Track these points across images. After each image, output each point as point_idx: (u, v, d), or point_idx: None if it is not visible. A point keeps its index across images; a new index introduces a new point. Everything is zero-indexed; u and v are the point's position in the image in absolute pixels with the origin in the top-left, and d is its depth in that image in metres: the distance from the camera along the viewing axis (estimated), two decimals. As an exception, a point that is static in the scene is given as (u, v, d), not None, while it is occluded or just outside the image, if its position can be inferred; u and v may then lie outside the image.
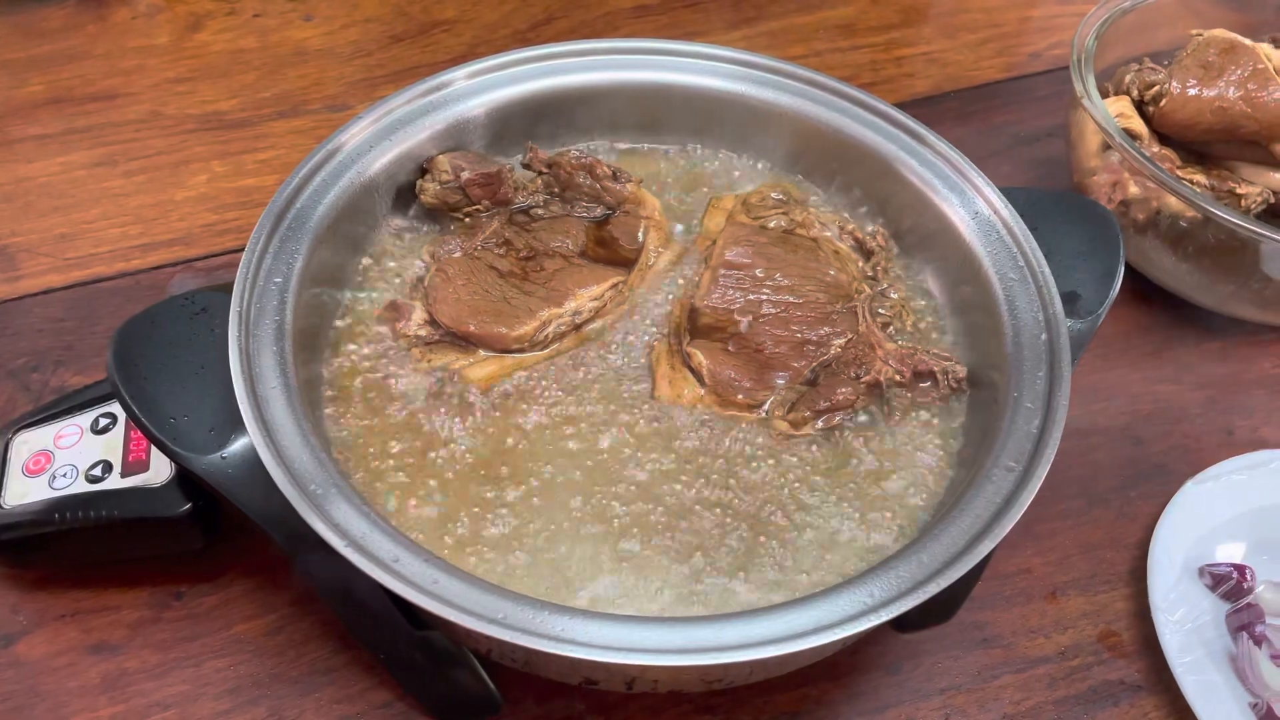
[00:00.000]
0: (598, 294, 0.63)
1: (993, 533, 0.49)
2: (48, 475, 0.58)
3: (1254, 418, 0.74)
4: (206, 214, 0.82)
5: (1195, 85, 0.76)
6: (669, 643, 0.45)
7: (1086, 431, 0.72)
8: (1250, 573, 0.63)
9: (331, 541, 0.46)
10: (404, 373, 0.59)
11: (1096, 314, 0.59)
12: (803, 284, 0.62)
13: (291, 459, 0.49)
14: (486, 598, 0.45)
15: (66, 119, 0.87)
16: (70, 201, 0.82)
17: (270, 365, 0.52)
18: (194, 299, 0.55)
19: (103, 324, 0.74)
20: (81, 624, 0.60)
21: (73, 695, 0.58)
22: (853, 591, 0.47)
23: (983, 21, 1.03)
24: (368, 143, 0.63)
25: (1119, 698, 0.60)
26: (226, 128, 0.88)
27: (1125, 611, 0.64)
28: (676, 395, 0.59)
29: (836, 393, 0.58)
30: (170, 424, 0.51)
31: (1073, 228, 0.63)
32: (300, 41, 0.96)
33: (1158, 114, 0.77)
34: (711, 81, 0.69)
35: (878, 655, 0.61)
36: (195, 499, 0.57)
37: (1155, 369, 0.77)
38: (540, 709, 0.58)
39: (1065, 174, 0.84)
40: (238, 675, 0.59)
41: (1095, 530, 0.67)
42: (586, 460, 0.56)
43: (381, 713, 0.58)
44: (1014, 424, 0.54)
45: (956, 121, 0.93)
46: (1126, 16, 0.82)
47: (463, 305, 0.60)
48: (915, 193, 0.65)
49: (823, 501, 0.56)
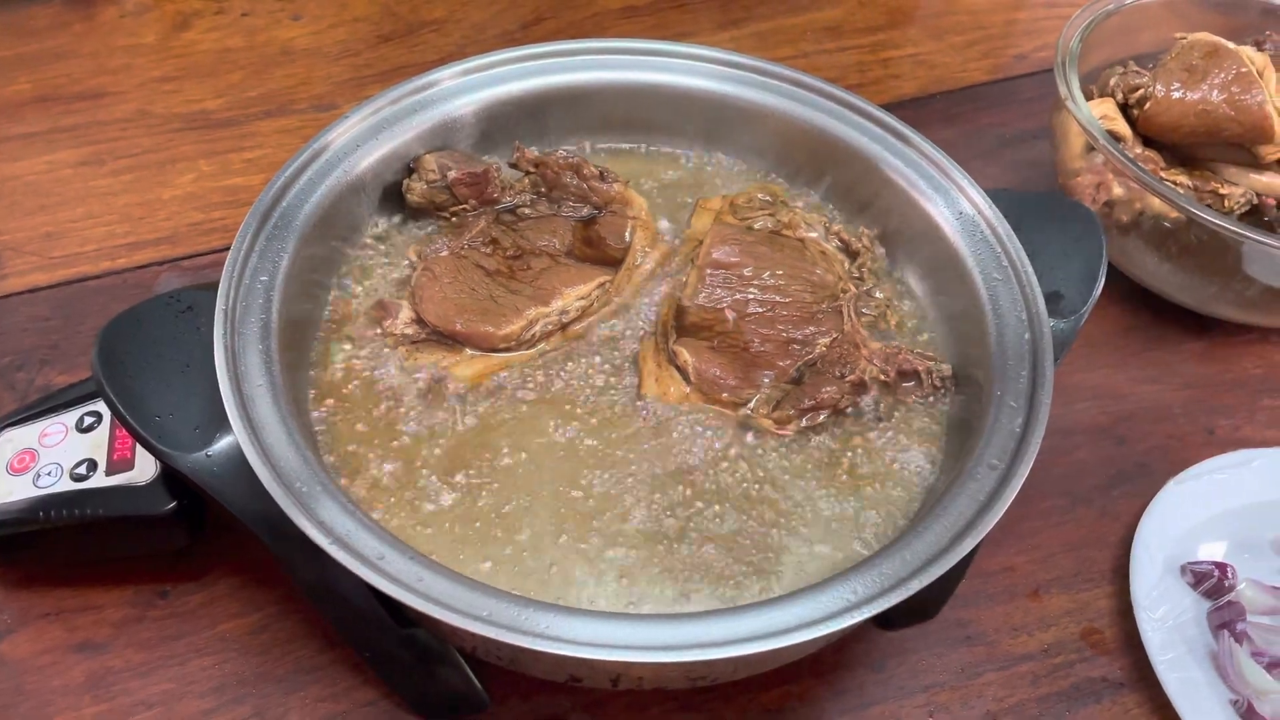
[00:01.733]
0: (584, 293, 0.63)
1: (975, 530, 0.49)
2: (32, 474, 0.58)
3: (1235, 417, 0.75)
4: (193, 213, 0.82)
5: (1179, 88, 0.76)
6: (653, 639, 0.45)
7: (1069, 431, 0.72)
8: (1231, 571, 0.63)
9: (317, 539, 0.46)
10: (391, 371, 0.59)
11: (1079, 313, 0.59)
12: (789, 283, 0.63)
13: (277, 457, 0.49)
14: (472, 595, 0.46)
15: (53, 117, 0.87)
16: (56, 200, 0.81)
17: (256, 363, 0.52)
18: (179, 297, 0.55)
19: (88, 323, 0.74)
20: (66, 623, 0.60)
21: (57, 694, 0.57)
22: (836, 588, 0.47)
23: (969, 24, 1.04)
24: (354, 141, 0.63)
25: (1101, 695, 0.61)
26: (213, 127, 0.88)
27: (1108, 609, 0.64)
28: (663, 393, 0.59)
29: (821, 391, 0.59)
30: (155, 422, 0.51)
31: (1056, 228, 0.63)
32: (288, 41, 0.96)
33: (1142, 117, 0.78)
34: (699, 82, 0.69)
35: (862, 652, 0.61)
36: (180, 497, 0.57)
37: (1138, 369, 0.77)
38: (526, 706, 0.58)
39: (1050, 176, 0.84)
40: (223, 674, 0.58)
41: (1078, 529, 0.68)
42: (573, 458, 0.56)
43: (367, 711, 0.58)
44: (997, 422, 0.54)
45: (943, 123, 0.93)
46: (1111, 19, 0.82)
47: (449, 304, 0.61)
48: (900, 193, 0.65)
49: (805, 499, 0.56)
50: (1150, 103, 0.77)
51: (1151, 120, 0.77)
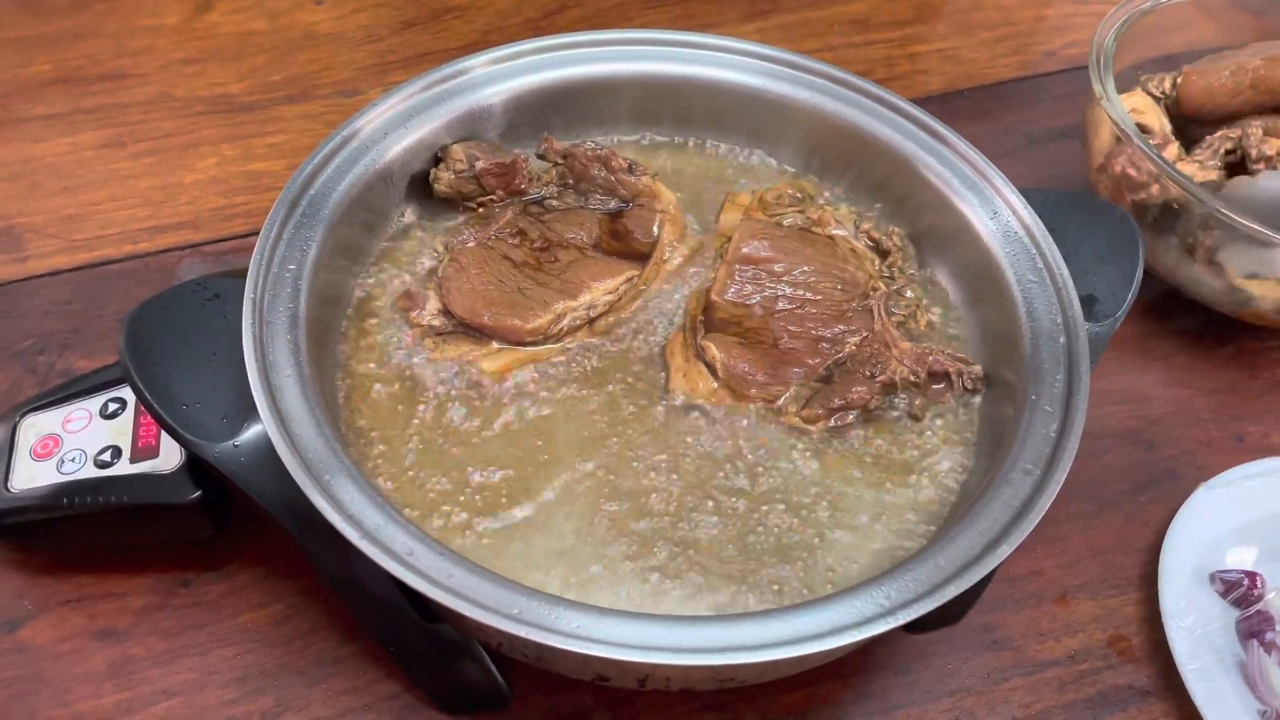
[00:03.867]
0: (612, 287, 0.62)
1: (1010, 537, 0.48)
2: (56, 459, 0.58)
3: (1264, 424, 0.74)
4: (215, 198, 0.81)
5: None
6: (685, 641, 0.44)
7: (1098, 435, 0.72)
8: (1261, 580, 0.63)
9: (345, 532, 0.46)
10: (417, 363, 0.58)
11: (1115, 317, 0.59)
12: (819, 280, 0.62)
13: (305, 448, 0.48)
14: (501, 592, 0.45)
15: (74, 99, 0.86)
16: (77, 182, 0.81)
17: (284, 353, 0.52)
18: (207, 285, 0.55)
19: (110, 307, 0.73)
20: (87, 610, 0.59)
21: (77, 681, 0.57)
22: (869, 593, 0.47)
23: (998, 19, 1.03)
24: (383, 129, 0.62)
25: (1128, 703, 0.60)
26: (236, 111, 0.87)
27: (1135, 616, 0.64)
28: (691, 388, 0.59)
29: (851, 391, 0.58)
30: (183, 411, 0.50)
31: (1091, 230, 0.62)
32: (310, 25, 0.95)
33: (1181, 88, 0.78)
34: (730, 75, 0.68)
35: (887, 656, 0.61)
36: (204, 486, 0.56)
37: (1166, 373, 0.76)
38: (549, 703, 0.58)
39: (1079, 175, 0.83)
40: (244, 664, 0.58)
41: (1106, 534, 0.67)
42: (600, 453, 0.56)
43: (389, 704, 0.57)
44: (1032, 427, 0.53)
45: (970, 120, 0.92)
46: (1146, 18, 0.81)
47: (476, 296, 0.60)
48: (934, 192, 0.64)
49: (835, 499, 0.55)
50: (1183, 76, 0.78)
51: (1190, 87, 0.78)
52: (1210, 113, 0.79)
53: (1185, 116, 0.80)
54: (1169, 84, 0.80)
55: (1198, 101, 0.79)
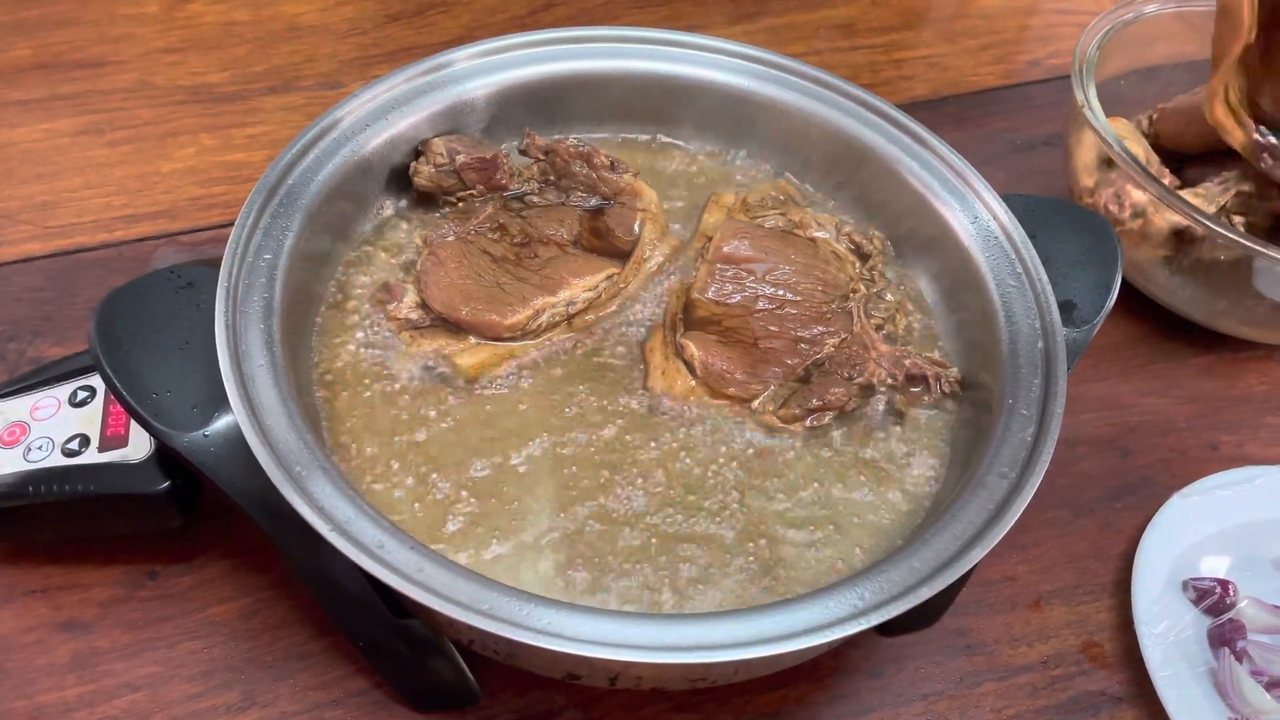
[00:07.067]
0: (592, 284, 0.62)
1: (985, 540, 0.48)
2: (22, 447, 0.57)
3: (1239, 433, 0.74)
4: (193, 187, 0.80)
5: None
6: (657, 639, 0.44)
7: (1074, 441, 0.72)
8: (1233, 588, 0.63)
9: (315, 525, 0.45)
10: (393, 356, 0.58)
11: (1092, 324, 0.59)
12: (800, 281, 0.62)
13: (276, 439, 0.48)
14: (472, 588, 0.45)
15: (52, 85, 0.85)
16: (53, 169, 0.80)
17: (257, 343, 0.51)
18: (180, 273, 0.54)
19: (83, 295, 0.72)
20: (52, 600, 0.59)
21: (40, 673, 0.56)
22: (843, 593, 0.46)
23: (983, 28, 1.03)
24: (363, 120, 0.62)
25: (1100, 709, 0.60)
26: (216, 101, 0.86)
27: (1108, 623, 0.64)
28: (669, 386, 0.58)
29: (829, 392, 0.58)
30: (152, 399, 0.49)
31: (1071, 237, 0.63)
32: (294, 16, 0.94)
33: (1157, 121, 0.79)
34: (716, 75, 0.68)
35: (860, 658, 0.61)
36: (174, 477, 0.55)
37: (1143, 381, 0.77)
38: (519, 701, 0.57)
39: (1060, 182, 0.84)
40: (211, 658, 0.57)
41: (1080, 540, 0.67)
42: (576, 449, 0.55)
43: (357, 700, 0.57)
44: (1008, 431, 0.53)
45: (953, 126, 0.93)
46: (1128, 28, 0.82)
47: (455, 290, 0.59)
48: (916, 196, 0.64)
49: (810, 500, 0.55)
50: (1159, 111, 0.79)
51: (1166, 121, 0.78)
52: (1188, 146, 0.80)
53: (1164, 149, 0.80)
54: (1145, 121, 0.81)
55: (1174, 137, 0.80)
